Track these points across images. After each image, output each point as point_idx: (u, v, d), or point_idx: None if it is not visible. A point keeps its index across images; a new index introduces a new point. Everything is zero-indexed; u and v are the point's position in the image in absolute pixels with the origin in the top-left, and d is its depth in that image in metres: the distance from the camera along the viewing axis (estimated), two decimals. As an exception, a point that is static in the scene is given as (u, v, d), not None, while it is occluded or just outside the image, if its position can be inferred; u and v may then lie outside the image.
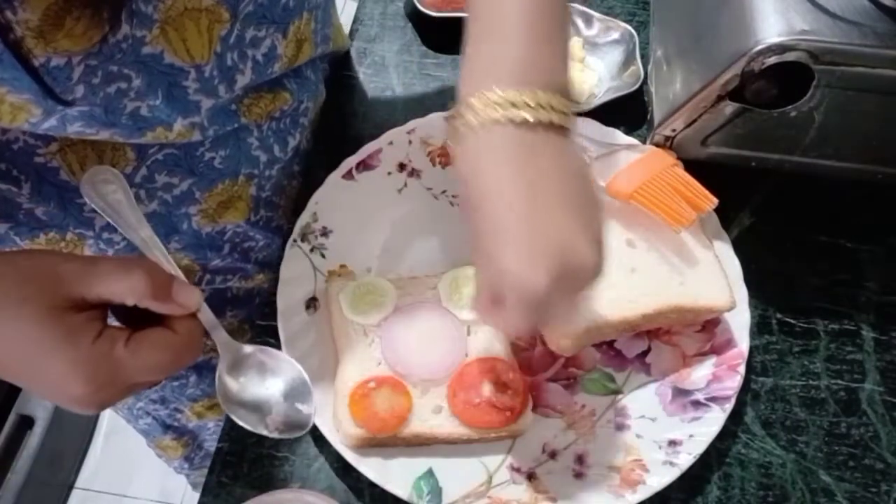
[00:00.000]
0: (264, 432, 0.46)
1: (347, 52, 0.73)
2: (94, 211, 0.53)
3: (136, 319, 0.42)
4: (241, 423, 0.46)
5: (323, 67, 0.68)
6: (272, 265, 0.67)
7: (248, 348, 0.47)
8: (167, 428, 0.84)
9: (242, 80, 0.52)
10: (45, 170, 0.49)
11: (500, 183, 0.40)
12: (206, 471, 0.54)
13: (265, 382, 0.47)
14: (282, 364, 0.48)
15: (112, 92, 0.44)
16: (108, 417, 1.51)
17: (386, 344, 0.54)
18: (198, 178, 0.55)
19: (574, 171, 0.42)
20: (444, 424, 0.51)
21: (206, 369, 0.73)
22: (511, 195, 0.39)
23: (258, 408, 0.47)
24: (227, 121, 0.54)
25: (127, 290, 0.40)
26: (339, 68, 0.73)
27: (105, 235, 0.55)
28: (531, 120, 0.39)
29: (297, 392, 0.47)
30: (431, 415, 0.52)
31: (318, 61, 0.64)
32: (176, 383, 0.74)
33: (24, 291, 0.38)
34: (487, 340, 0.55)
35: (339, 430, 0.51)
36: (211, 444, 0.89)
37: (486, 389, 0.52)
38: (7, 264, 0.40)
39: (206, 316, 0.44)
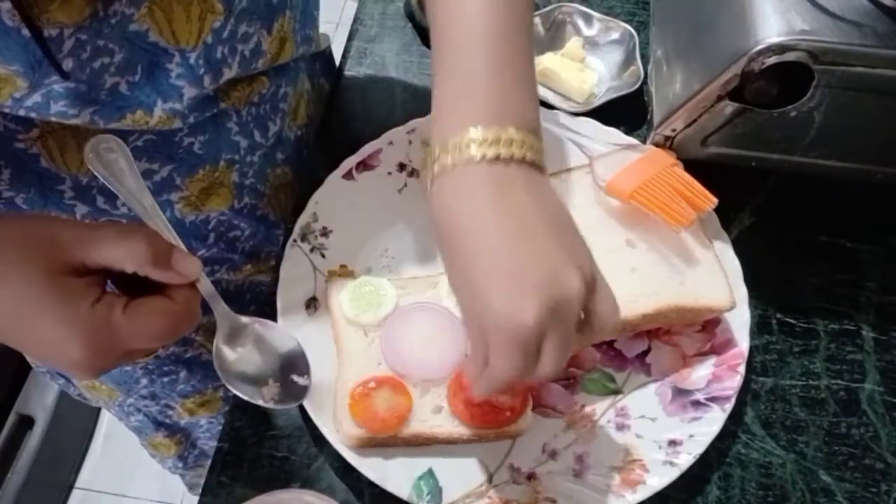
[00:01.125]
0: (260, 402, 0.46)
1: (347, 52, 0.73)
2: (74, 198, 0.53)
3: (136, 287, 0.42)
4: (237, 392, 0.46)
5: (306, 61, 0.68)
6: (259, 255, 0.67)
7: (246, 319, 0.47)
8: (159, 425, 0.84)
9: (228, 74, 0.52)
10: (26, 156, 0.49)
11: (478, 219, 0.40)
12: (201, 470, 0.54)
13: (262, 353, 0.47)
14: (279, 335, 0.48)
15: (97, 67, 0.44)
16: (107, 417, 1.51)
17: (386, 344, 0.54)
18: (178, 164, 0.55)
19: (551, 203, 0.42)
20: (444, 424, 0.51)
21: (196, 365, 0.73)
22: (490, 229, 0.39)
23: (255, 378, 0.47)
24: (206, 107, 0.53)
25: (127, 256, 0.40)
26: (339, 68, 0.73)
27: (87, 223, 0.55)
28: (504, 156, 0.40)
29: (293, 363, 0.48)
30: (431, 415, 0.52)
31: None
32: (166, 379, 0.73)
33: (25, 255, 0.39)
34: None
35: (339, 430, 0.51)
36: (204, 443, 0.89)
37: (486, 389, 0.52)
38: (8, 228, 0.40)
39: (205, 286, 0.44)
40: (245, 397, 0.46)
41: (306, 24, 0.61)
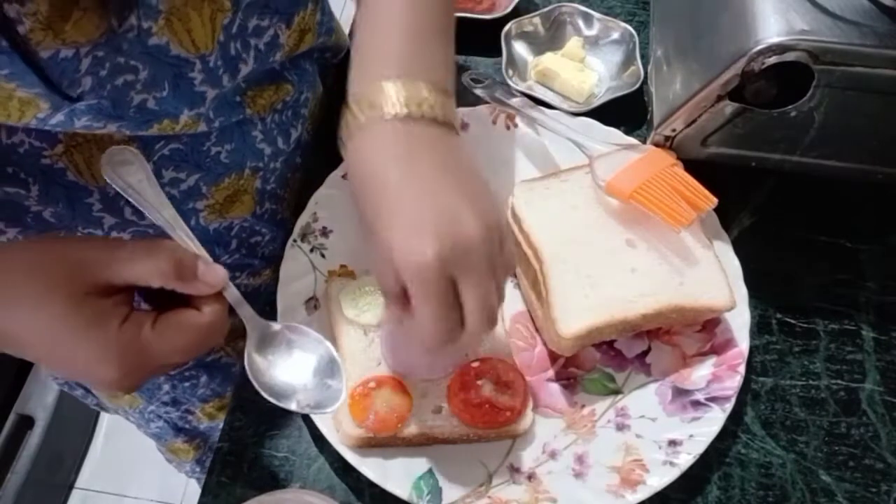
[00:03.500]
0: (294, 408, 0.45)
1: (348, 52, 0.73)
2: (102, 210, 0.53)
3: (164, 299, 0.42)
4: (271, 399, 0.45)
5: (323, 61, 0.68)
6: (278, 260, 0.67)
7: (276, 326, 0.47)
8: (179, 430, 0.84)
9: (245, 69, 0.52)
10: (52, 171, 0.49)
11: (386, 174, 0.43)
12: (218, 473, 0.54)
13: (294, 359, 0.47)
14: (310, 341, 0.47)
15: (119, 84, 0.44)
16: (108, 417, 1.51)
17: (386, 344, 0.54)
18: (204, 173, 0.55)
19: (456, 158, 0.45)
20: (444, 424, 0.51)
21: (215, 369, 0.73)
22: (395, 184, 0.42)
23: (288, 384, 0.46)
24: (232, 112, 0.54)
25: (152, 272, 0.40)
26: (339, 68, 0.73)
27: (114, 234, 0.55)
28: (415, 114, 0.43)
29: (325, 368, 0.47)
30: (431, 415, 0.52)
31: (316, 53, 0.64)
32: (187, 384, 0.74)
33: (52, 278, 0.39)
34: (487, 340, 0.55)
35: (339, 430, 0.51)
36: None
37: (486, 389, 0.52)
38: (34, 252, 0.40)
39: (232, 293, 0.44)
40: (280, 404, 0.45)
41: (332, 14, 0.62)
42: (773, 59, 0.51)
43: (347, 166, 0.45)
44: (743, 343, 0.55)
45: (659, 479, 0.50)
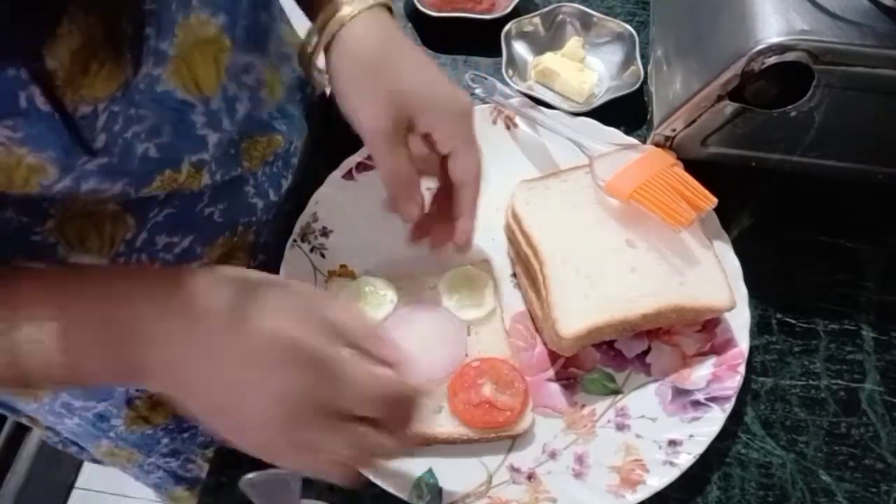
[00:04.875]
0: None
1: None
2: None
3: None
4: None
5: (305, 98, 0.68)
6: None
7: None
8: (179, 479, 0.83)
9: (242, 109, 0.52)
10: (42, 248, 0.47)
11: (397, 42, 0.51)
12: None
13: None
14: None
15: (129, 137, 0.43)
16: (108, 417, 1.51)
17: (386, 344, 0.54)
18: (198, 234, 0.55)
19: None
20: (444, 424, 0.51)
21: None
22: (412, 51, 0.52)
23: None
24: (230, 165, 0.53)
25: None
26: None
27: None
28: (368, 4, 0.51)
29: None
30: (431, 415, 0.52)
31: (298, 93, 0.64)
32: (186, 434, 0.73)
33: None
34: (487, 340, 0.55)
35: (339, 430, 0.51)
36: None
37: (486, 389, 0.52)
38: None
39: None
40: None
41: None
42: (773, 59, 0.51)
43: (339, 68, 0.51)
44: (743, 343, 0.55)
45: (659, 479, 0.50)
